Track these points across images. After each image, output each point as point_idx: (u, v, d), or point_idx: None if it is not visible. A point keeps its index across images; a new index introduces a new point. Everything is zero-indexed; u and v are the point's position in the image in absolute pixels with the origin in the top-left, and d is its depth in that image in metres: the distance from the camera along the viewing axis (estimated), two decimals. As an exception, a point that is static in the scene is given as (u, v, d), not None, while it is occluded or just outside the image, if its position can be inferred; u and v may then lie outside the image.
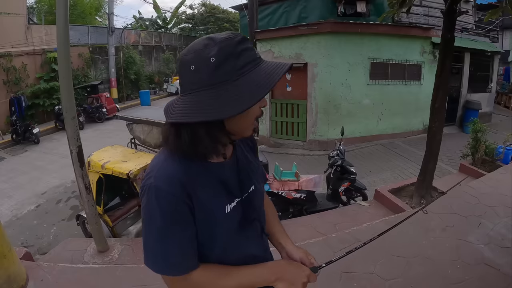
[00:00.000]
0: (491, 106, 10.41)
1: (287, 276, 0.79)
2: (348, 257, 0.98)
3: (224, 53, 0.65)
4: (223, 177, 0.78)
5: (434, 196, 3.74)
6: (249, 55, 0.68)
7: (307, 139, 7.71)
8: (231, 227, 0.79)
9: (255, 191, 0.88)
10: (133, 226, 3.71)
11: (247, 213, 0.84)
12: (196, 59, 0.66)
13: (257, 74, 0.67)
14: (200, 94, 0.66)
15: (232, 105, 0.65)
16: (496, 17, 3.46)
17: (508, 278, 2.33)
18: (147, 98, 14.74)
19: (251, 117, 0.74)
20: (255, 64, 0.69)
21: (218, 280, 0.76)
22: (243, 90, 0.65)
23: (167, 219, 0.69)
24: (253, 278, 0.79)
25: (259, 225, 0.90)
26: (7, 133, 9.64)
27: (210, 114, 0.65)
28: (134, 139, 4.07)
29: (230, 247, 0.81)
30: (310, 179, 3.81)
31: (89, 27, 14.44)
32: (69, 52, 2.62)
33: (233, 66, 0.66)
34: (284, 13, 9.15)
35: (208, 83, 0.66)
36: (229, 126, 0.72)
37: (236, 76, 0.66)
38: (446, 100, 3.65)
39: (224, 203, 0.78)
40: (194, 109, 0.66)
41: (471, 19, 9.76)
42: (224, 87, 0.65)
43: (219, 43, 0.66)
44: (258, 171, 0.95)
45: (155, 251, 0.73)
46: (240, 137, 0.78)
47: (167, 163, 0.72)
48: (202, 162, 0.75)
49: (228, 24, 24.07)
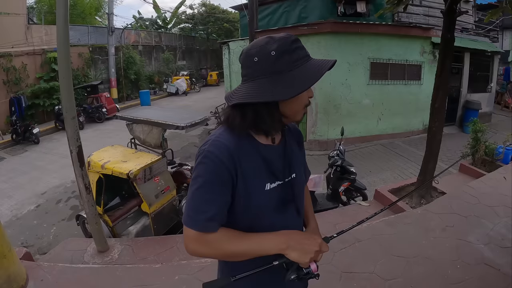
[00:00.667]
0: (491, 106, 10.41)
1: (299, 244, 0.81)
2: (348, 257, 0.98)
3: (281, 48, 0.80)
4: (268, 158, 0.89)
5: (434, 196, 3.74)
6: (301, 52, 0.82)
7: (307, 139, 7.71)
8: (267, 204, 0.88)
9: (296, 178, 0.97)
10: (133, 226, 3.71)
11: (286, 196, 0.93)
12: (259, 52, 0.81)
13: (307, 68, 0.81)
14: (262, 81, 0.81)
15: (286, 90, 0.79)
16: (496, 17, 3.46)
17: (508, 278, 2.33)
18: (147, 98, 14.73)
19: (300, 103, 0.86)
20: (306, 59, 0.83)
21: (228, 243, 0.82)
22: (296, 79, 0.79)
23: (209, 180, 0.80)
24: (263, 244, 0.82)
25: (294, 206, 0.96)
26: (7, 133, 9.63)
27: (270, 96, 0.79)
28: (134, 139, 4.06)
29: (263, 221, 0.88)
30: (310, 179, 3.81)
31: (89, 27, 14.42)
32: (69, 52, 2.62)
33: (288, 60, 0.80)
34: (284, 13, 9.16)
35: (268, 72, 0.81)
36: (282, 109, 0.84)
37: (291, 68, 0.80)
38: (446, 100, 3.65)
39: (265, 181, 0.88)
40: (257, 92, 0.80)
41: (471, 19, 9.76)
42: (281, 76, 0.80)
43: (278, 40, 0.81)
44: (301, 162, 1.06)
45: (193, 205, 0.82)
46: (292, 121, 0.90)
47: (222, 136, 0.85)
48: (251, 141, 0.87)
49: (228, 24, 24.06)
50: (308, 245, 0.82)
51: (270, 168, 0.89)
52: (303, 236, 0.85)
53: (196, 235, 0.81)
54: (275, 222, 0.89)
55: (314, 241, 0.84)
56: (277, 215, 0.90)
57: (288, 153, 0.95)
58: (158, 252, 2.98)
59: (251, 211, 0.86)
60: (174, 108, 12.40)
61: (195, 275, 2.38)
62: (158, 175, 3.56)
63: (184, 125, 3.60)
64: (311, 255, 0.80)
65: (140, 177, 3.28)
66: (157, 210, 3.46)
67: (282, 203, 0.92)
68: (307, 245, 0.82)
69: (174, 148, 4.27)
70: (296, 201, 0.97)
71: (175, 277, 2.39)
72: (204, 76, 21.12)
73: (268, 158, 0.89)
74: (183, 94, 16.86)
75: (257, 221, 0.88)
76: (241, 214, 0.86)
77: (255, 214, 0.87)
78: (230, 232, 0.84)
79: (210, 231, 0.81)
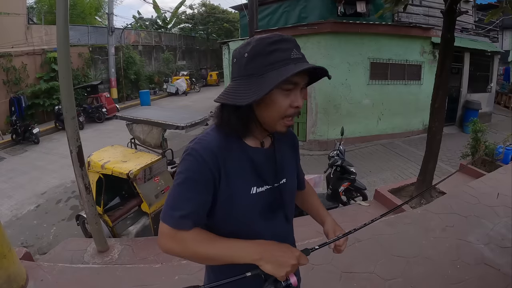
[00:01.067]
0: (491, 106, 10.42)
1: (274, 256, 0.75)
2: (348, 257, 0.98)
3: (255, 51, 0.76)
4: (256, 161, 0.86)
5: (434, 196, 3.74)
6: (280, 55, 0.76)
7: (307, 139, 7.71)
8: (253, 209, 0.85)
9: (286, 184, 0.93)
10: (133, 226, 3.71)
11: (274, 202, 0.89)
12: (237, 54, 0.80)
13: (277, 73, 0.74)
14: (236, 83, 0.80)
15: (247, 95, 0.75)
16: (496, 18, 3.46)
17: (508, 278, 2.33)
18: (147, 98, 14.73)
19: (275, 111, 0.79)
20: (285, 63, 0.75)
21: (199, 244, 0.78)
22: (260, 84, 0.74)
23: (188, 177, 0.78)
24: (235, 251, 0.77)
25: (283, 213, 0.93)
26: (7, 133, 9.62)
27: (232, 99, 0.78)
28: (134, 139, 4.06)
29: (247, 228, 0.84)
30: (310, 179, 3.81)
31: (89, 27, 14.42)
32: (69, 52, 2.62)
33: (261, 63, 0.76)
34: (284, 13, 9.15)
35: (240, 74, 0.79)
36: (258, 115, 0.82)
37: (262, 72, 0.75)
38: (446, 100, 3.65)
39: (251, 184, 0.84)
40: (228, 93, 0.80)
41: (471, 19, 9.76)
42: (250, 80, 0.77)
43: (255, 41, 0.78)
44: (294, 167, 1.01)
45: (170, 201, 0.80)
46: (272, 130, 0.84)
47: (209, 135, 0.83)
48: (239, 143, 0.84)
49: (228, 24, 24.05)
50: (283, 258, 0.75)
51: (257, 171, 0.85)
52: (280, 248, 0.78)
53: (169, 231, 0.78)
54: (261, 229, 0.85)
55: (291, 253, 0.77)
56: (264, 222, 0.86)
57: (279, 158, 0.91)
58: (158, 252, 2.98)
59: (234, 215, 0.82)
60: (174, 108, 12.39)
61: (195, 275, 2.38)
62: (158, 175, 3.56)
63: (184, 125, 3.60)
64: (287, 269, 0.74)
65: (140, 177, 3.27)
66: (157, 210, 3.46)
67: (270, 209, 0.88)
68: (283, 258, 0.75)
69: (174, 148, 4.27)
70: (285, 208, 0.92)
71: (175, 277, 2.39)
72: (204, 76, 21.12)
73: (256, 160, 0.85)
74: (183, 94, 16.86)
75: (242, 226, 0.83)
76: (224, 217, 0.83)
77: (238, 218, 0.83)
78: (204, 233, 0.80)
79: (183, 228, 0.77)
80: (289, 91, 0.78)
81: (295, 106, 0.79)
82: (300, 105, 0.80)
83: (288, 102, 0.78)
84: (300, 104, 0.80)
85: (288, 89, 0.78)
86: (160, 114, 4.06)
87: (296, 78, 0.77)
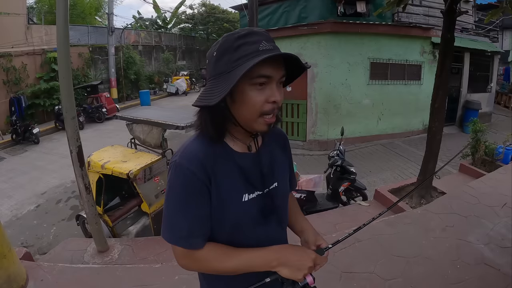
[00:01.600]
0: (491, 106, 10.41)
1: (291, 261, 0.76)
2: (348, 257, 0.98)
3: (222, 48, 0.73)
4: (245, 167, 0.82)
5: (434, 196, 3.74)
6: (246, 49, 0.71)
7: (307, 139, 7.71)
8: (246, 216, 0.82)
9: (278, 188, 0.89)
10: (133, 226, 3.71)
11: (266, 208, 0.86)
12: (208, 55, 0.78)
13: (246, 66, 0.69)
14: (209, 83, 0.77)
15: (218, 93, 0.71)
16: (496, 18, 3.46)
17: (508, 278, 2.33)
18: (147, 98, 14.72)
19: (251, 108, 0.74)
20: (252, 56, 0.70)
21: (216, 261, 0.78)
22: (229, 80, 0.70)
23: (183, 194, 0.75)
24: (253, 261, 0.77)
25: (276, 218, 0.90)
26: (7, 133, 9.62)
27: (204, 100, 0.75)
28: (134, 139, 4.06)
29: (241, 235, 0.82)
30: (310, 179, 3.81)
31: (89, 27, 14.41)
32: (69, 52, 2.62)
33: (228, 59, 0.72)
34: (284, 13, 9.13)
35: (211, 74, 0.76)
36: (235, 115, 0.77)
37: (231, 68, 0.72)
38: (446, 100, 3.65)
39: (242, 192, 0.81)
40: (202, 96, 0.77)
41: (471, 19, 9.76)
42: (220, 78, 0.73)
43: (222, 39, 0.75)
44: (285, 169, 0.96)
45: (169, 222, 0.78)
46: (252, 130, 0.79)
47: (193, 144, 0.80)
48: (225, 149, 0.81)
49: (228, 24, 24.03)
50: (300, 262, 0.77)
51: (247, 178, 0.82)
52: (296, 252, 0.79)
53: (183, 252, 0.78)
54: (255, 235, 0.84)
55: (307, 256, 0.78)
56: (257, 228, 0.84)
57: (268, 161, 0.88)
58: (158, 252, 2.98)
59: (227, 224, 0.80)
60: (174, 108, 12.38)
61: (195, 275, 2.35)
62: (158, 175, 3.56)
63: (184, 125, 3.59)
64: (305, 271, 0.76)
65: (140, 177, 3.27)
66: (157, 210, 3.46)
67: (262, 214, 0.85)
68: (300, 262, 0.77)
69: (174, 148, 4.26)
70: (278, 212, 0.90)
71: (175, 277, 2.39)
72: (204, 76, 21.04)
73: (245, 167, 0.82)
74: (183, 94, 16.84)
75: (236, 235, 0.82)
76: (218, 228, 0.80)
77: (232, 227, 0.81)
78: (218, 249, 0.79)
79: (195, 248, 0.77)
80: (263, 85, 0.73)
81: (272, 101, 0.74)
82: (278, 99, 0.74)
83: (263, 97, 0.73)
84: (278, 99, 0.74)
85: (261, 83, 0.72)
86: (160, 114, 4.06)
87: (269, 71, 0.72)
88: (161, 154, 3.71)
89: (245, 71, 0.68)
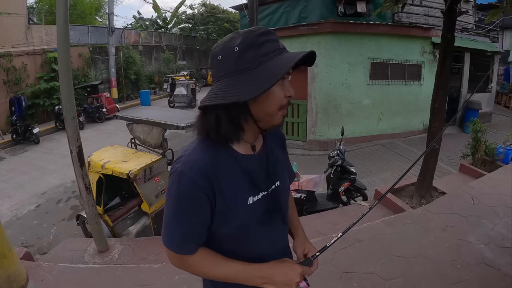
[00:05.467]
0: (491, 106, 10.41)
1: (277, 281, 0.78)
2: (348, 257, 0.97)
3: (245, 43, 0.71)
4: (250, 169, 0.82)
5: (434, 196, 3.74)
6: (270, 46, 0.73)
7: (307, 139, 7.71)
8: (251, 218, 0.82)
9: (281, 186, 0.91)
10: (133, 226, 3.71)
11: (271, 207, 0.87)
12: (222, 50, 0.74)
13: (275, 62, 0.71)
14: (225, 81, 0.73)
15: (248, 89, 0.70)
16: (496, 18, 3.46)
17: (508, 278, 2.33)
18: (147, 98, 14.73)
19: (273, 104, 0.76)
20: (277, 53, 0.73)
21: (206, 269, 0.82)
22: (260, 76, 0.70)
23: (181, 202, 0.75)
24: (238, 274, 0.80)
25: (280, 216, 0.91)
26: (7, 133, 9.63)
27: (230, 97, 0.71)
28: (134, 139, 4.06)
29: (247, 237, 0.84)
30: (310, 179, 3.81)
31: (89, 27, 14.43)
32: (69, 52, 2.62)
33: (254, 55, 0.71)
34: (284, 13, 9.13)
35: (232, 70, 0.73)
36: (254, 111, 0.76)
37: (257, 64, 0.71)
38: (446, 100, 3.65)
39: (247, 195, 0.81)
40: (218, 93, 0.73)
41: (471, 19, 9.75)
42: (245, 74, 0.71)
43: (243, 34, 0.73)
44: (285, 167, 0.98)
45: (165, 225, 0.80)
46: (269, 125, 0.80)
47: (196, 151, 0.78)
48: (229, 152, 0.79)
49: (228, 24, 24.04)
50: (286, 277, 0.78)
51: (252, 180, 0.82)
52: (281, 271, 0.79)
53: (175, 256, 0.81)
54: (260, 235, 0.85)
55: (293, 272, 0.79)
56: (262, 227, 0.85)
57: (271, 161, 0.88)
58: (158, 252, 2.98)
59: (233, 226, 0.80)
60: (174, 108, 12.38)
61: (195, 275, 2.37)
62: (158, 175, 3.56)
63: (184, 125, 3.59)
64: (292, 286, 0.78)
65: (140, 177, 3.28)
66: (157, 210, 3.46)
67: (267, 214, 0.86)
68: (285, 277, 0.78)
69: (174, 148, 4.26)
70: (282, 210, 0.91)
71: (175, 277, 2.39)
72: (204, 76, 21.12)
73: (249, 169, 0.82)
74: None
75: (242, 238, 0.83)
76: (224, 232, 0.81)
77: (239, 230, 0.81)
78: (208, 257, 0.81)
79: (186, 254, 0.80)
80: (283, 80, 0.76)
81: (289, 95, 0.77)
82: (293, 94, 0.78)
83: (283, 92, 0.76)
84: (293, 93, 0.78)
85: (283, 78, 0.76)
86: (160, 114, 4.06)
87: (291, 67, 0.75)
88: (161, 154, 3.71)
89: (292, 65, 0.70)
